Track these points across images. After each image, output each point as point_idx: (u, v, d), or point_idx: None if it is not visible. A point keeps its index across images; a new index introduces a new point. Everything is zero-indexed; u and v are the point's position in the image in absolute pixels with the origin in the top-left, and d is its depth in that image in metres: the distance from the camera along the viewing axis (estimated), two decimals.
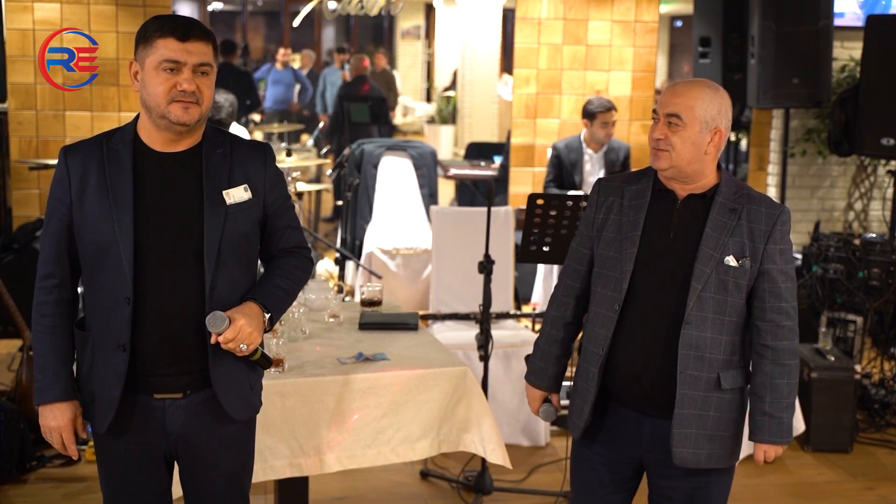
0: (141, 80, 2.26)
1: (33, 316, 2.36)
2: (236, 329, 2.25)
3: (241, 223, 2.33)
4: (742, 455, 4.45)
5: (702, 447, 2.43)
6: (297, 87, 12.87)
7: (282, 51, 12.73)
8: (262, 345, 2.37)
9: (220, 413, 2.37)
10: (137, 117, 2.35)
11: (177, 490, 2.56)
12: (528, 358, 2.73)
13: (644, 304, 2.43)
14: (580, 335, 2.65)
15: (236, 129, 5.22)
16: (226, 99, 4.92)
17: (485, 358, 3.95)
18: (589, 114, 5.71)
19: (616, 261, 2.46)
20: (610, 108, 5.69)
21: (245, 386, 2.41)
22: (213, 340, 2.26)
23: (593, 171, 5.83)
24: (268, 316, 2.34)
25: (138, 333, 2.28)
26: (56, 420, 2.34)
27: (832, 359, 4.67)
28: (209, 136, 2.36)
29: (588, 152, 5.81)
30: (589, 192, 5.83)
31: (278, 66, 12.49)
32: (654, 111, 2.43)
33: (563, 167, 5.80)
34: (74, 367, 2.40)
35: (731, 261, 2.39)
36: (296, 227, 2.49)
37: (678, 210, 2.45)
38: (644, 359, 2.43)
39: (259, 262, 2.51)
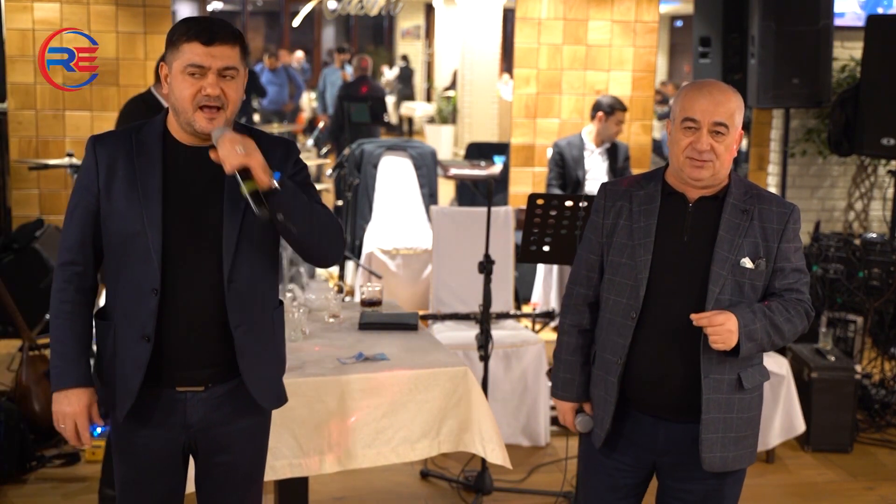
0: (169, 83, 2.28)
1: (52, 302, 2.35)
2: (230, 136, 2.20)
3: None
4: None
5: (728, 450, 2.43)
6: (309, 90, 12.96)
7: (266, 57, 12.79)
8: (264, 198, 2.20)
9: (240, 406, 2.40)
10: (167, 112, 2.36)
11: (189, 486, 2.56)
12: (550, 374, 2.71)
13: (660, 311, 2.40)
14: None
15: None
16: None
17: (485, 358, 3.95)
18: (608, 108, 5.75)
19: (630, 268, 2.43)
20: (626, 108, 5.83)
21: (275, 377, 2.46)
22: (213, 156, 2.20)
23: (595, 166, 5.85)
24: (276, 180, 2.21)
25: (163, 325, 2.29)
26: (72, 406, 2.32)
27: (832, 359, 4.67)
28: (236, 132, 2.34)
29: (590, 148, 5.83)
30: (589, 191, 5.88)
31: (269, 66, 12.51)
32: (691, 119, 2.35)
33: (566, 164, 5.82)
34: (94, 358, 2.41)
35: (746, 262, 2.38)
36: (319, 201, 2.40)
37: (691, 213, 2.42)
38: (664, 366, 2.41)
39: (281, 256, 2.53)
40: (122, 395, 2.33)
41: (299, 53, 16.89)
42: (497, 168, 7.93)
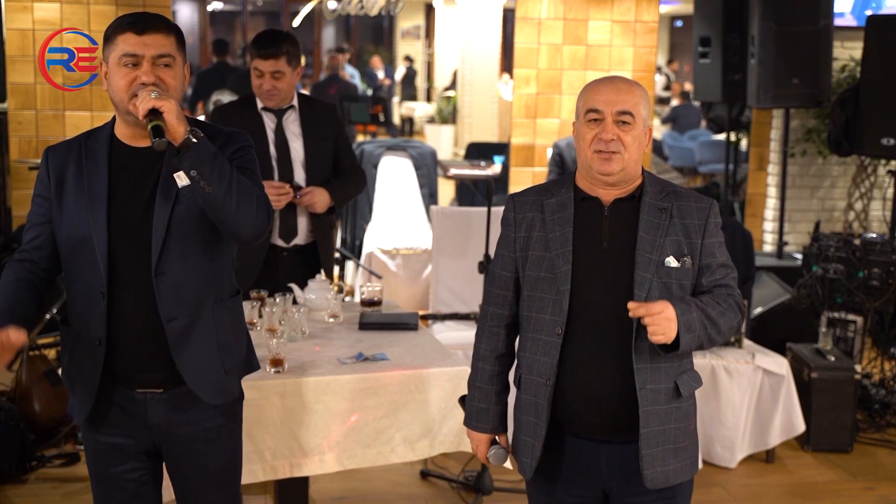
0: (108, 79, 2.30)
1: None
2: (150, 87, 2.20)
3: (192, 205, 2.29)
4: (742, 455, 4.49)
5: (668, 464, 2.29)
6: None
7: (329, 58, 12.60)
8: (163, 123, 2.16)
9: (202, 407, 2.39)
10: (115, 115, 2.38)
11: (170, 494, 2.57)
12: (463, 400, 2.55)
13: (588, 323, 2.26)
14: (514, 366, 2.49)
15: None
16: (230, 99, 4.95)
17: None
18: None
19: (550, 281, 2.28)
20: None
21: (219, 370, 2.39)
22: (131, 108, 2.21)
23: None
24: (193, 136, 2.18)
25: (113, 328, 2.31)
26: None
27: (832, 359, 4.67)
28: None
29: None
30: None
31: None
32: (595, 111, 2.25)
33: (566, 164, 5.82)
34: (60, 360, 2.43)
35: (671, 262, 2.25)
36: (253, 181, 2.33)
37: (607, 217, 2.29)
38: (598, 382, 2.26)
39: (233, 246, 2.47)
40: (82, 398, 2.36)
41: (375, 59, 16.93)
42: (497, 168, 7.94)
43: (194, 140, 2.18)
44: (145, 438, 2.41)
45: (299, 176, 3.82)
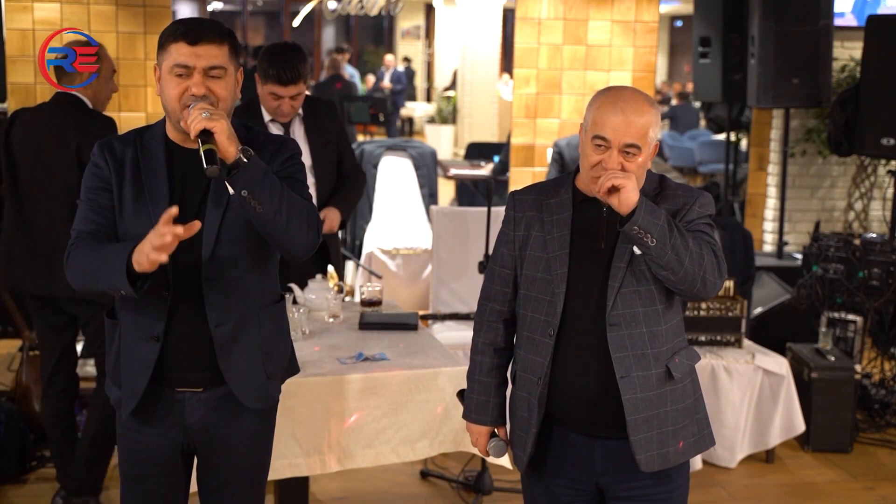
0: (161, 85, 2.29)
1: (66, 267, 2.28)
2: (201, 104, 2.18)
3: (242, 212, 2.28)
4: (741, 455, 4.48)
5: (667, 445, 2.27)
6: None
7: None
8: (216, 146, 2.14)
9: (240, 407, 2.40)
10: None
11: (192, 486, 2.57)
12: (461, 395, 2.55)
13: (580, 324, 2.27)
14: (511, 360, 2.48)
15: None
16: None
17: None
18: None
19: (546, 282, 2.29)
20: None
21: (261, 375, 2.42)
22: (183, 125, 2.19)
23: None
24: (244, 154, 2.16)
25: (168, 326, 2.30)
26: (144, 247, 2.10)
27: (832, 359, 4.67)
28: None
29: None
30: None
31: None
32: (602, 138, 2.18)
33: (566, 163, 5.82)
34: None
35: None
36: (302, 193, 2.36)
37: (605, 219, 2.25)
38: (589, 382, 2.26)
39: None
40: (127, 395, 2.36)
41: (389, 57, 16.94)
42: (490, 167, 7.94)
43: (245, 160, 2.16)
44: (180, 439, 2.41)
45: (309, 182, 3.82)
